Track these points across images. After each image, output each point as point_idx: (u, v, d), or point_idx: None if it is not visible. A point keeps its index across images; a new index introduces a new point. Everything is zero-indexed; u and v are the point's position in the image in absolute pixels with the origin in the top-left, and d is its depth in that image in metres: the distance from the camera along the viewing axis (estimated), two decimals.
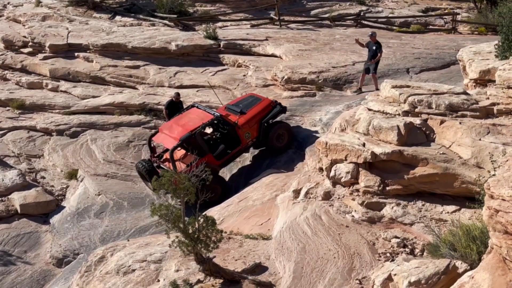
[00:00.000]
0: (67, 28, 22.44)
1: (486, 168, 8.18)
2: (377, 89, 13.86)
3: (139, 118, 16.88)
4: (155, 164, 13.43)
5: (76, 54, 20.39)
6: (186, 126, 13.15)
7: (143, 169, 13.39)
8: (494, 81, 10.14)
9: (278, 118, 14.34)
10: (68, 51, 20.61)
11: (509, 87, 9.46)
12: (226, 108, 14.25)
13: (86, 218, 13.04)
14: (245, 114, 13.78)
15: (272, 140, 13.88)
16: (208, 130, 14.34)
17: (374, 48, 15.51)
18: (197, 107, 14.07)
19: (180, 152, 13.53)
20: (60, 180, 14.86)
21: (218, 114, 13.59)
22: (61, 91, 18.97)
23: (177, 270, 8.50)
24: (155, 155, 13.78)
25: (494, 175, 5.26)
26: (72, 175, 14.86)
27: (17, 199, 13.56)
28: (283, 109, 14.35)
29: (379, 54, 15.53)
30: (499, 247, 4.80)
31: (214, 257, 8.19)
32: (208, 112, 13.67)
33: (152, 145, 13.88)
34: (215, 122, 13.74)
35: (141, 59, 19.57)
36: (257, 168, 13.73)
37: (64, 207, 13.69)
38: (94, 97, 18.21)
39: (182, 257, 8.66)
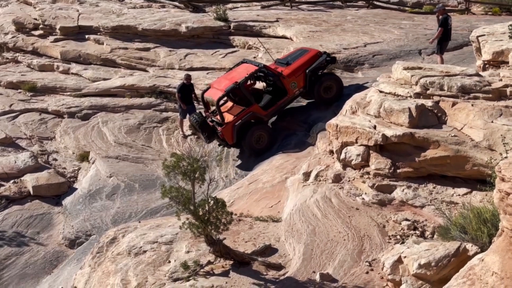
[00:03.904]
0: (78, 10, 22.45)
1: (498, 151, 8.10)
2: None
3: (150, 101, 16.91)
4: (208, 120, 13.92)
5: (86, 36, 20.43)
6: (233, 79, 13.69)
7: (195, 122, 13.84)
8: (508, 62, 10.02)
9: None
10: (79, 33, 20.67)
11: None
12: (276, 62, 14.69)
13: (97, 200, 13.14)
14: (290, 65, 14.11)
15: (320, 91, 14.12)
16: (259, 86, 14.92)
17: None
18: (246, 62, 14.61)
19: (228, 104, 14.15)
20: (72, 162, 14.97)
21: (262, 65, 14.03)
22: (72, 73, 19.05)
23: (188, 252, 8.56)
24: (209, 110, 14.28)
25: (506, 157, 5.20)
26: (84, 157, 14.96)
27: (29, 180, 13.69)
28: (332, 59, 14.57)
29: (437, 31, 13.89)
30: (509, 230, 4.77)
31: (224, 238, 8.23)
32: (254, 65, 14.13)
33: (205, 100, 14.29)
34: (260, 73, 14.12)
35: (151, 41, 19.57)
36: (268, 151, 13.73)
37: (76, 189, 13.80)
38: (105, 79, 18.26)
39: (192, 239, 8.72)
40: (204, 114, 14.09)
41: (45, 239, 12.43)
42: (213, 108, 14.13)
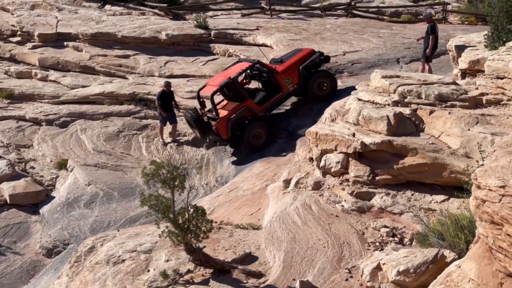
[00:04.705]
0: (56, 17, 22.26)
1: (474, 158, 8.22)
2: None
3: (129, 108, 16.80)
4: (204, 117, 14.07)
5: (65, 43, 20.26)
6: (228, 75, 13.95)
7: (191, 117, 13.97)
8: (484, 71, 10.18)
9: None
10: (57, 40, 20.49)
11: (498, 77, 9.50)
12: (271, 62, 15.06)
13: (76, 208, 12.98)
14: (285, 62, 14.48)
15: (313, 87, 14.32)
16: (253, 86, 15.22)
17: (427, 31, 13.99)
18: (241, 61, 15.01)
19: (223, 102, 14.44)
20: (49, 170, 14.78)
21: (256, 60, 14.40)
22: (50, 80, 18.85)
23: (167, 260, 8.50)
24: (205, 108, 14.41)
25: (482, 165, 5.28)
26: (62, 165, 14.78)
27: (6, 189, 13.48)
28: (326, 58, 14.89)
29: (429, 40, 13.85)
30: (485, 237, 4.83)
31: (204, 247, 8.20)
32: (248, 61, 14.55)
33: (201, 99, 14.44)
34: (254, 69, 14.34)
35: (131, 48, 19.48)
36: (249, 157, 13.73)
37: (54, 197, 13.62)
38: (83, 86, 18.11)
39: (172, 247, 8.67)
40: (200, 112, 14.21)
41: (22, 248, 12.24)
42: (209, 107, 14.32)
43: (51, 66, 19.39)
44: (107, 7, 24.44)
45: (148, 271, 8.40)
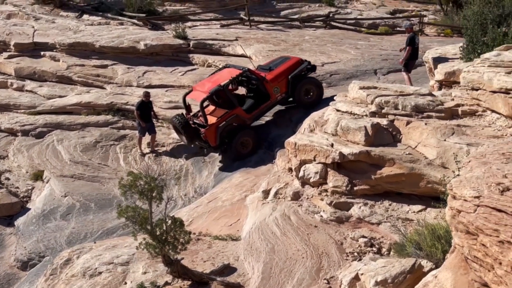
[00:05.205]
0: (33, 27, 22.03)
1: (451, 168, 8.32)
2: None
3: (107, 118, 16.65)
4: (190, 122, 14.00)
5: (42, 53, 20.03)
6: (217, 82, 13.88)
7: (178, 123, 13.85)
8: (459, 82, 10.34)
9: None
10: (34, 50, 20.25)
11: (473, 89, 9.65)
12: (258, 68, 15.02)
13: (52, 220, 12.78)
14: (273, 70, 14.50)
15: (300, 94, 14.46)
16: (241, 92, 15.15)
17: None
18: (229, 66, 14.90)
19: (210, 108, 14.34)
20: (25, 181, 14.54)
21: (246, 68, 14.29)
22: (27, 90, 18.59)
23: (145, 272, 8.41)
24: (190, 113, 14.36)
25: (458, 175, 5.34)
26: (38, 176, 14.55)
27: None
28: (313, 67, 15.04)
29: (406, 50, 13.88)
30: (461, 247, 4.88)
31: (182, 258, 8.13)
32: (238, 68, 14.41)
33: (187, 103, 14.36)
34: (244, 76, 14.29)
35: (109, 58, 19.35)
36: (228, 167, 13.71)
37: (29, 209, 13.39)
38: (60, 97, 17.90)
39: (149, 259, 8.58)
40: (186, 117, 14.15)
41: None
42: (194, 111, 14.26)
43: (28, 76, 19.14)
44: (85, 16, 24.28)
45: (125, 283, 8.30)
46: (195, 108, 14.45)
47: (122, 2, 25.05)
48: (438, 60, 12.13)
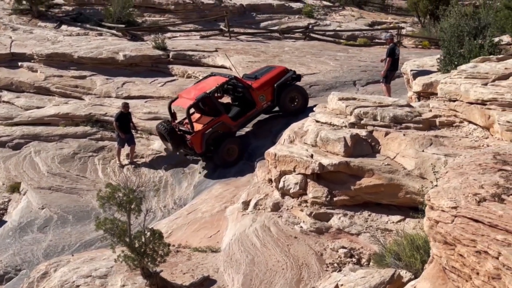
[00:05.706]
0: (11, 37, 21.81)
1: (429, 179, 8.39)
2: None
3: (85, 130, 16.48)
4: (176, 129, 13.98)
5: (19, 63, 19.81)
6: (203, 89, 13.91)
7: (164, 129, 13.82)
8: (437, 94, 10.47)
9: None
10: (12, 60, 20.02)
11: (450, 100, 9.78)
12: (243, 77, 15.10)
13: (29, 233, 12.57)
14: (259, 79, 14.67)
15: (285, 102, 14.60)
16: (226, 100, 15.25)
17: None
18: (214, 75, 15.00)
19: (196, 115, 14.42)
20: (1, 193, 14.29)
21: (233, 76, 14.45)
22: (4, 101, 18.34)
23: (123, 285, 8.30)
24: (176, 120, 14.36)
25: (435, 186, 5.39)
26: (15, 188, 14.32)
27: None
28: (298, 77, 15.21)
29: (386, 62, 13.95)
30: (439, 257, 4.91)
31: (162, 271, 8.05)
32: (224, 76, 14.57)
33: (172, 111, 14.35)
34: (230, 84, 14.42)
35: (87, 69, 19.20)
36: (209, 177, 13.65)
37: (6, 221, 13.15)
38: (38, 108, 17.69)
39: (128, 272, 8.47)
40: (171, 124, 14.12)
41: None
42: (180, 118, 14.25)
43: (4, 86, 18.90)
44: (64, 27, 24.11)
45: None
46: (180, 116, 14.42)
47: (101, 13, 24.94)
48: (416, 72, 12.29)
